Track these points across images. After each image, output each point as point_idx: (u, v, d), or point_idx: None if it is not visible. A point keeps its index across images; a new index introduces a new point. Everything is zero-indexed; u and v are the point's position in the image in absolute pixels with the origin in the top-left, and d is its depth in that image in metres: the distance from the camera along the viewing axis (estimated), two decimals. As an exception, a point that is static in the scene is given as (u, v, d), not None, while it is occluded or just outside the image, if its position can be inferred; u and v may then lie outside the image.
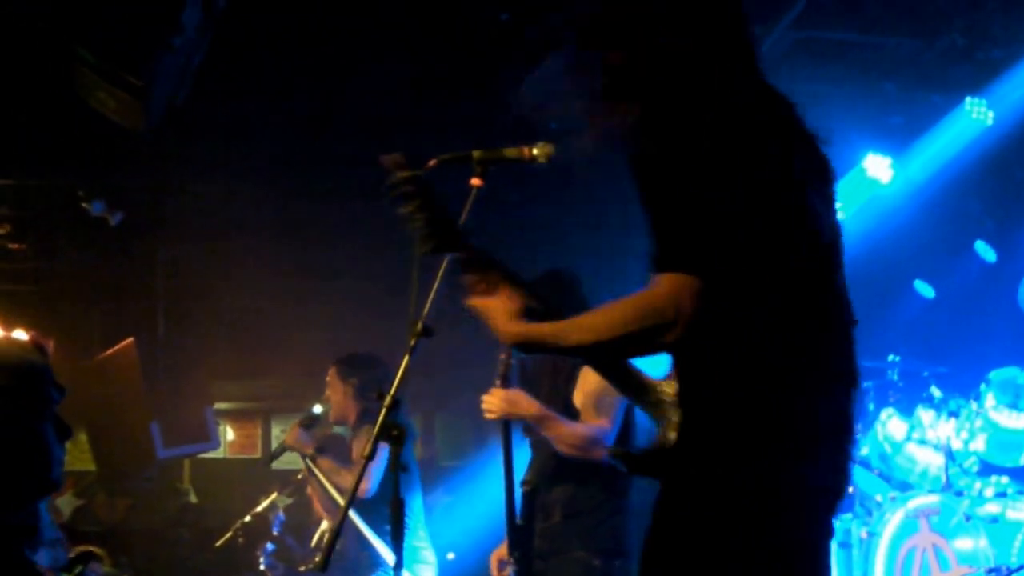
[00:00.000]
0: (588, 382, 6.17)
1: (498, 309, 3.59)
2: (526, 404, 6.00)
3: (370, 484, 7.67)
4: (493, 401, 5.98)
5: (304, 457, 8.10)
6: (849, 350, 3.48)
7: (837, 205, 3.63)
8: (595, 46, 3.58)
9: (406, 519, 7.80)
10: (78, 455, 12.72)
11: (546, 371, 6.47)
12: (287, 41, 8.85)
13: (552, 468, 6.21)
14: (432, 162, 4.12)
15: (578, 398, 6.27)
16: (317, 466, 7.95)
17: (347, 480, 7.79)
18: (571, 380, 6.32)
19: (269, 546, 8.28)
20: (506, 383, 5.99)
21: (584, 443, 6.05)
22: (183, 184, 11.24)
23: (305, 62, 9.23)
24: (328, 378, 8.41)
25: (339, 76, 9.50)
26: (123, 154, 10.14)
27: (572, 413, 6.23)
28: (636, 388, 3.77)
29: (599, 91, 3.55)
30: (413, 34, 8.86)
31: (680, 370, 3.44)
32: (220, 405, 11.04)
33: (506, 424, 5.89)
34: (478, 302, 3.67)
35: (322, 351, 12.21)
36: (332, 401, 8.33)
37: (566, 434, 6.07)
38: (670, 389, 3.58)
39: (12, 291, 13.04)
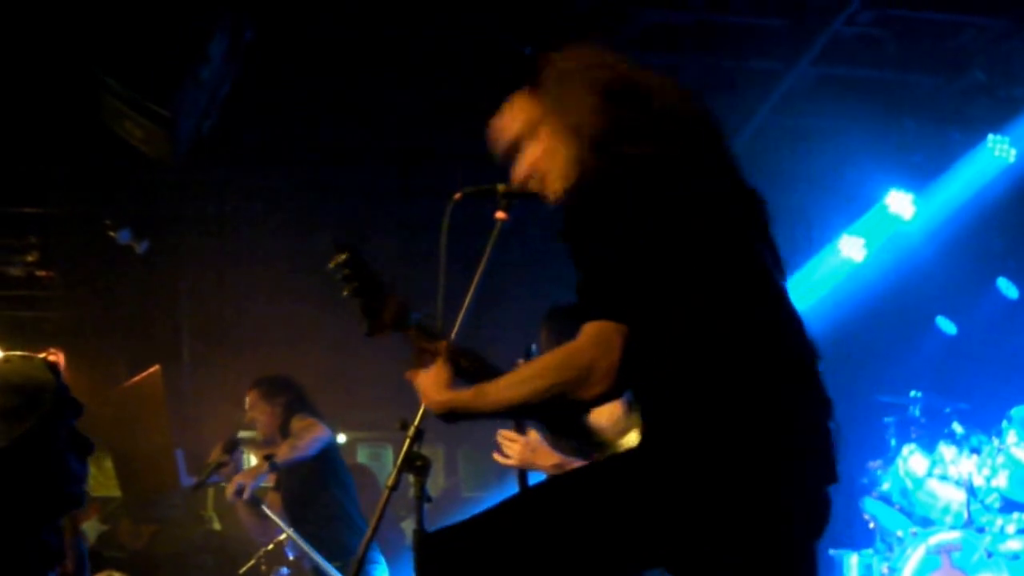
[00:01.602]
0: (601, 415, 6.16)
1: (428, 380, 3.60)
2: (544, 456, 5.97)
3: (311, 451, 7.95)
4: (513, 448, 5.96)
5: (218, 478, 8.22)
6: (795, 344, 3.39)
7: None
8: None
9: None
10: (103, 481, 12.73)
11: None
12: (312, 72, 8.90)
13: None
14: (457, 196, 4.14)
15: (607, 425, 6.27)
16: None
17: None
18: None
19: (284, 570, 8.29)
20: (520, 425, 5.99)
21: None
22: (209, 213, 11.29)
23: (330, 93, 9.28)
24: (250, 401, 8.54)
25: (363, 107, 9.54)
26: (149, 183, 10.21)
27: None
28: (580, 431, 3.80)
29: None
30: (437, 66, 8.91)
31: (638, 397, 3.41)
32: (244, 433, 11.02)
33: (522, 471, 5.89)
34: (411, 375, 3.68)
35: (348, 381, 12.27)
36: (259, 422, 8.50)
37: None
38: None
39: (39, 318, 13.11)
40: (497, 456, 5.96)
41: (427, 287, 4.06)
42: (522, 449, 5.90)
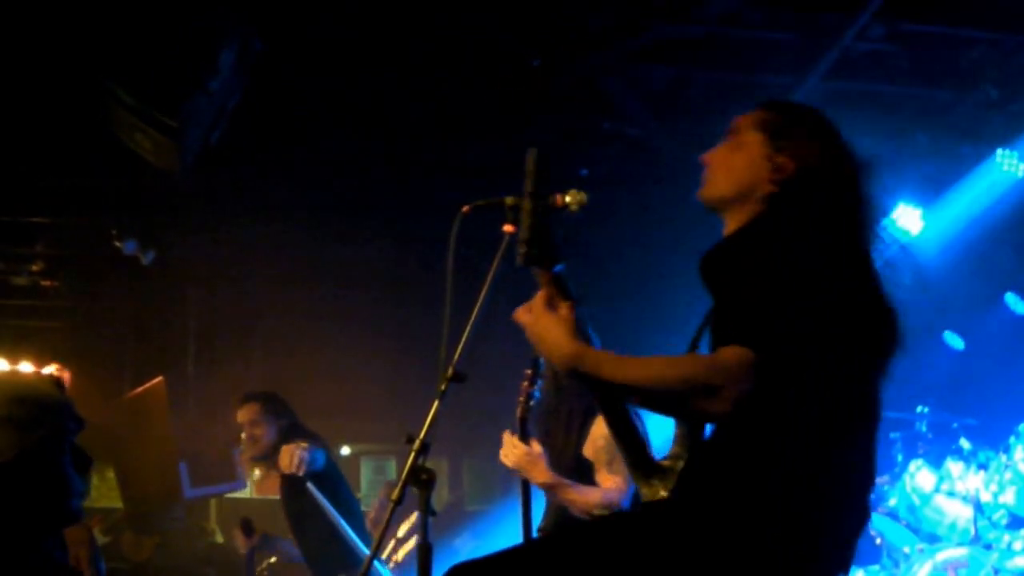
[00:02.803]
0: (600, 436, 6.14)
1: (554, 326, 3.48)
2: (540, 471, 5.97)
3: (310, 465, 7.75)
4: (514, 453, 5.97)
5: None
6: (872, 443, 3.48)
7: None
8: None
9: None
10: (106, 492, 12.71)
11: (560, 422, 6.46)
12: (320, 84, 8.89)
13: (568, 515, 6.18)
14: (465, 208, 4.11)
15: (589, 451, 6.25)
16: None
17: None
18: (583, 432, 6.32)
19: None
20: (524, 427, 5.99)
21: (598, 510, 5.99)
22: (215, 224, 11.28)
23: (338, 106, 9.27)
24: (250, 416, 8.36)
25: (372, 119, 9.54)
26: (156, 194, 10.20)
27: (583, 465, 6.22)
28: (637, 455, 3.79)
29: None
30: (448, 79, 8.90)
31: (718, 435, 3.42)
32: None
33: (525, 483, 5.89)
34: (526, 317, 3.57)
35: (353, 393, 12.25)
36: (257, 439, 8.31)
37: (580, 502, 6.04)
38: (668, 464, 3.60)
39: (44, 328, 13.11)
40: (502, 458, 5.99)
41: (434, 299, 4.03)
42: (521, 456, 5.92)
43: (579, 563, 3.34)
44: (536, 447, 5.99)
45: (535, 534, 5.84)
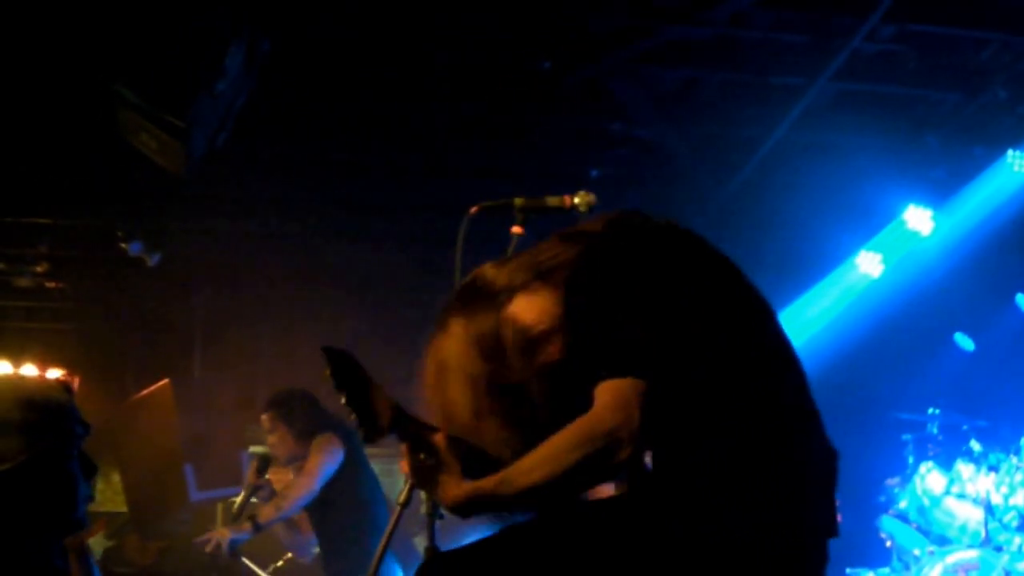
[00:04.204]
0: None
1: (440, 476, 3.38)
2: None
3: (316, 481, 7.87)
4: None
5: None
6: (805, 402, 3.36)
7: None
8: None
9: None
10: (111, 496, 12.70)
11: None
12: (327, 86, 8.86)
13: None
14: (473, 209, 4.09)
15: None
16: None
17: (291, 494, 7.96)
18: None
19: None
20: None
21: None
22: (221, 226, 11.25)
23: (344, 107, 9.25)
24: (267, 425, 8.41)
25: (378, 121, 9.52)
26: (161, 195, 10.17)
27: None
28: None
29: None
30: (456, 82, 8.88)
31: None
32: (255, 448, 10.98)
33: None
34: (417, 475, 3.45)
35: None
36: (278, 448, 8.39)
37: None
38: None
39: (49, 329, 13.09)
40: None
41: (442, 299, 3.99)
42: None
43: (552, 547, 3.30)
44: None
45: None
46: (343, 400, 3.51)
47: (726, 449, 3.16)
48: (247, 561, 8.08)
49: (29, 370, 11.40)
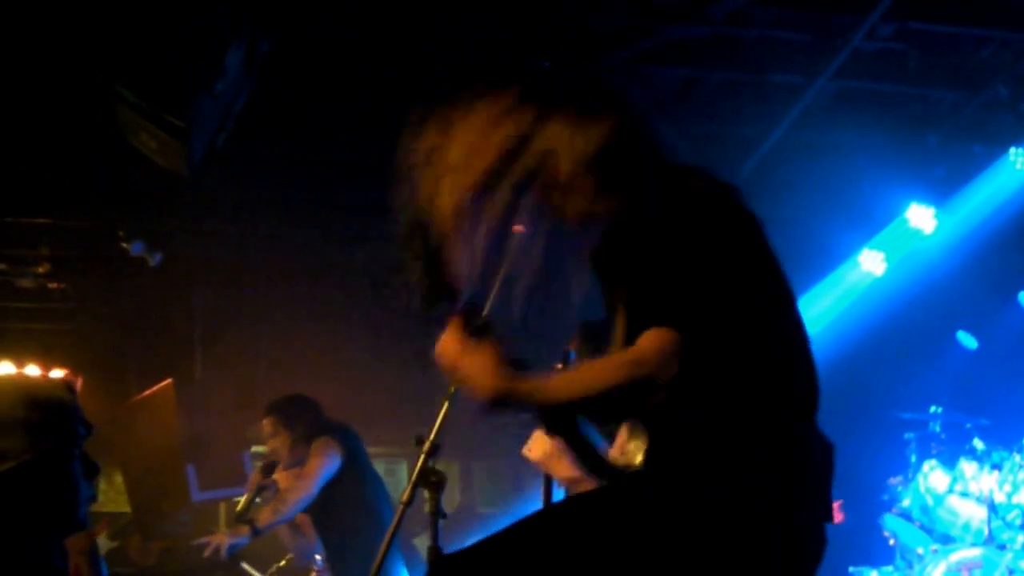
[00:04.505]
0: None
1: (477, 362, 3.32)
2: (563, 467, 5.93)
3: (314, 484, 7.92)
4: (539, 446, 5.93)
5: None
6: (813, 393, 3.42)
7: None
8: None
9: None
10: (113, 496, 12.69)
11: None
12: (327, 86, 8.86)
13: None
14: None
15: (616, 451, 6.22)
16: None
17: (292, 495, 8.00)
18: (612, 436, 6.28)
19: None
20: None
21: None
22: (222, 226, 11.25)
23: (344, 107, 9.24)
24: (268, 430, 8.46)
25: (378, 121, 9.50)
26: (163, 195, 10.17)
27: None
28: (593, 459, 3.77)
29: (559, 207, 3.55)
30: (456, 83, 8.86)
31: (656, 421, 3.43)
32: (257, 448, 11.00)
33: (547, 477, 5.84)
34: (446, 356, 3.39)
35: (362, 395, 12.20)
36: (280, 453, 8.42)
37: None
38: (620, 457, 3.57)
39: (50, 330, 13.07)
40: (527, 451, 5.94)
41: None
42: (546, 450, 5.87)
43: (565, 536, 3.33)
44: (559, 443, 5.95)
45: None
46: (412, 258, 3.54)
47: (742, 426, 3.23)
48: (246, 566, 8.10)
49: (31, 371, 11.39)
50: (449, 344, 3.39)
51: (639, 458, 3.67)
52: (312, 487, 7.93)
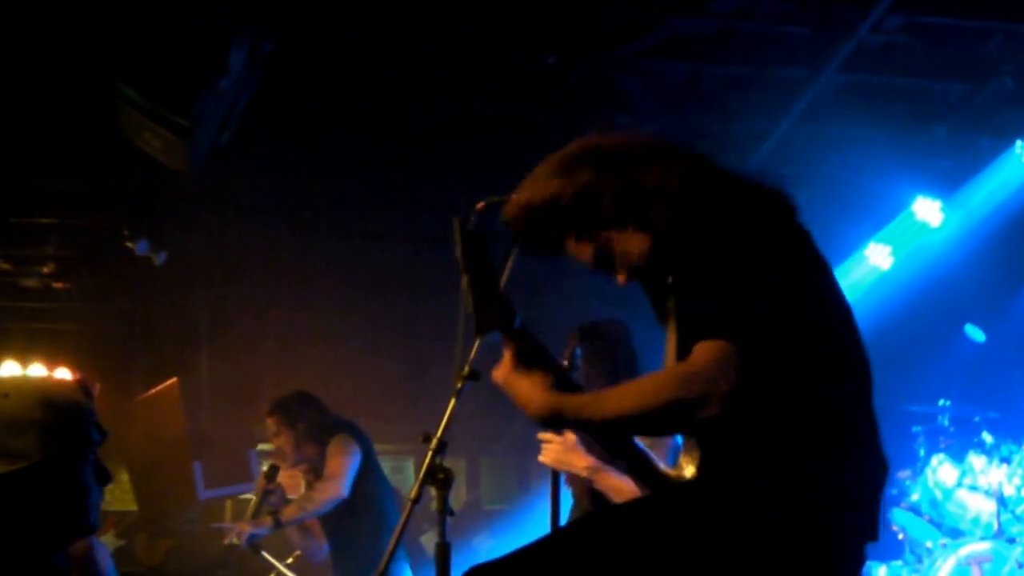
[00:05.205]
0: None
1: (527, 383, 3.45)
2: (579, 456, 5.90)
3: (344, 485, 7.88)
4: (550, 448, 5.89)
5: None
6: (870, 410, 3.42)
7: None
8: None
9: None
10: (120, 495, 12.71)
11: None
12: (330, 84, 8.85)
13: (596, 510, 6.11)
14: (480, 205, 4.06)
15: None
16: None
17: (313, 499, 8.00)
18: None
19: None
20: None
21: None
22: (227, 224, 11.24)
23: (348, 104, 9.23)
24: (272, 429, 8.44)
25: (382, 118, 9.50)
26: (167, 194, 10.17)
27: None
28: (646, 472, 3.76)
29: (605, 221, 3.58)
30: (459, 80, 8.87)
31: (709, 440, 3.42)
32: (263, 446, 10.99)
33: (555, 472, 5.81)
34: (501, 377, 3.54)
35: (369, 392, 12.21)
36: (284, 452, 8.41)
37: (625, 490, 5.97)
38: (676, 474, 3.58)
39: (56, 330, 13.09)
40: (540, 457, 5.91)
41: (449, 296, 3.97)
42: (558, 449, 5.84)
43: (599, 553, 3.33)
44: (570, 436, 5.92)
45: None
46: (464, 283, 3.56)
47: (796, 442, 3.23)
48: (266, 555, 8.07)
49: (37, 370, 11.39)
50: (504, 367, 3.52)
51: (689, 471, 3.66)
52: (342, 488, 7.90)
